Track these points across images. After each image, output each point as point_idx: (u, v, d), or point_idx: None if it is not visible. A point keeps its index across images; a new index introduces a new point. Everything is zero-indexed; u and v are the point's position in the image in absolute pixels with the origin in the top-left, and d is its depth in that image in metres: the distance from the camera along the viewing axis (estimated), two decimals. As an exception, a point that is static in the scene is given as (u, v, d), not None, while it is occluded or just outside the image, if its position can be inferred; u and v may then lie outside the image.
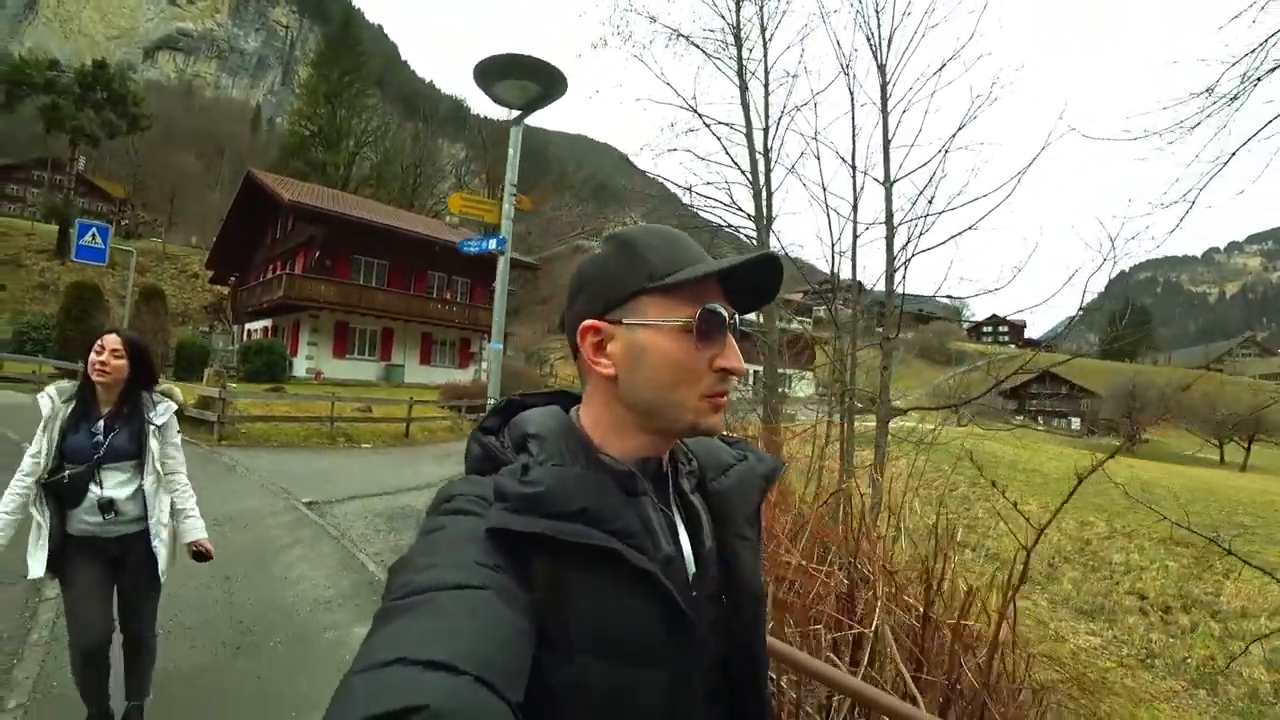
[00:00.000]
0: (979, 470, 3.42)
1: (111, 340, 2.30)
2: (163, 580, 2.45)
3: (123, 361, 2.30)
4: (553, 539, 0.58)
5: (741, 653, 0.71)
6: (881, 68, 6.49)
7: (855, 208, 6.54)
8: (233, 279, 30.70)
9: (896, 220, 6.36)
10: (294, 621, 3.90)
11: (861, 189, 6.57)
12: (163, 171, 55.97)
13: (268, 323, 24.73)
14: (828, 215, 6.60)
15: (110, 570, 2.37)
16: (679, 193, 8.61)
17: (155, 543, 2.35)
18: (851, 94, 6.59)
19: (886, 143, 6.48)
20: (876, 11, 6.51)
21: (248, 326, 26.93)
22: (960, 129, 6.01)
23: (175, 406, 2.51)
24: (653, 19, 8.23)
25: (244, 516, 6.01)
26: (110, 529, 2.31)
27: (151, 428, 2.39)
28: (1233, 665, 9.43)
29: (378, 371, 22.92)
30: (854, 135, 6.62)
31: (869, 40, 6.55)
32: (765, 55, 7.87)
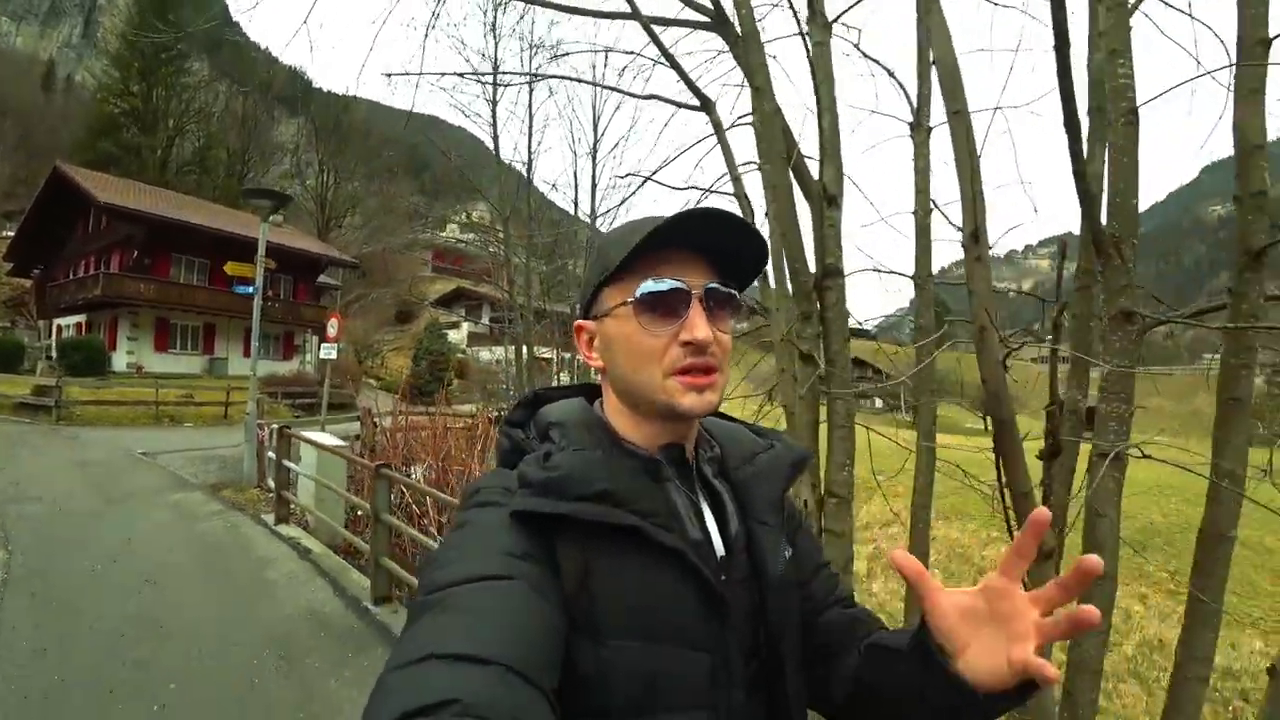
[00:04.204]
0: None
1: None
2: None
3: None
4: (577, 520, 0.60)
5: (770, 639, 0.70)
6: (595, 124, 11.43)
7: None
8: (36, 272, 30.05)
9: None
10: (139, 495, 7.67)
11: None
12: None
13: (81, 319, 25.15)
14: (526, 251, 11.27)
15: None
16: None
17: None
18: (574, 151, 11.40)
19: (594, 186, 11.67)
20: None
21: (57, 322, 26.91)
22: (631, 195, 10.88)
23: None
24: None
25: (96, 460, 9.42)
26: None
27: None
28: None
29: (202, 365, 24.51)
30: (575, 178, 11.46)
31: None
32: (530, 101, 12.29)
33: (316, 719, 3.12)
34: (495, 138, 13.19)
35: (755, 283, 2.49)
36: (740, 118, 3.22)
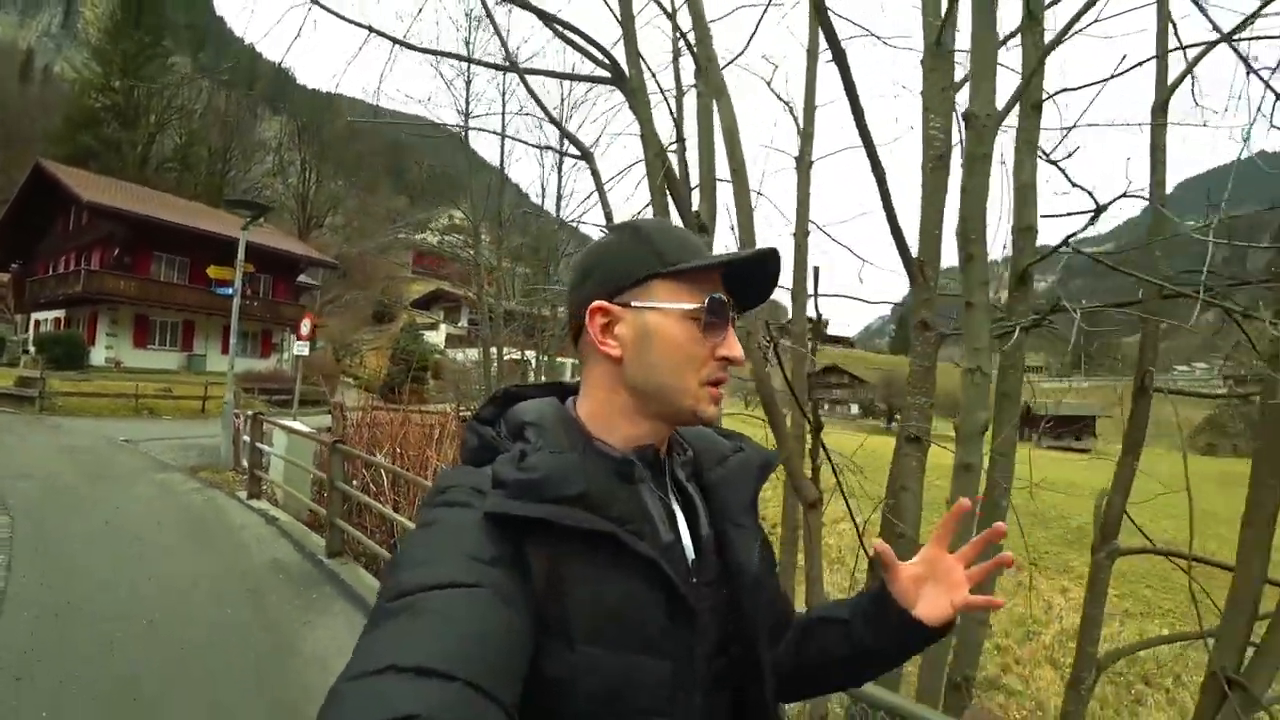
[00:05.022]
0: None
1: None
2: None
3: None
4: (551, 525, 0.59)
5: (742, 639, 0.71)
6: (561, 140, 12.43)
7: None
8: (14, 266, 30.24)
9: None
10: (124, 474, 8.44)
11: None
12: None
13: (60, 314, 25.52)
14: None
15: None
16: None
17: None
18: (541, 164, 12.44)
19: (559, 196, 13.25)
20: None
21: (35, 316, 27.18)
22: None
23: None
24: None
25: (82, 446, 10.16)
26: None
27: None
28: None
29: (179, 361, 24.91)
30: (543, 186, 12.64)
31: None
32: (503, 111, 13.28)
33: (272, 627, 4.03)
34: (465, 136, 14.13)
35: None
36: (673, 146, 3.93)
